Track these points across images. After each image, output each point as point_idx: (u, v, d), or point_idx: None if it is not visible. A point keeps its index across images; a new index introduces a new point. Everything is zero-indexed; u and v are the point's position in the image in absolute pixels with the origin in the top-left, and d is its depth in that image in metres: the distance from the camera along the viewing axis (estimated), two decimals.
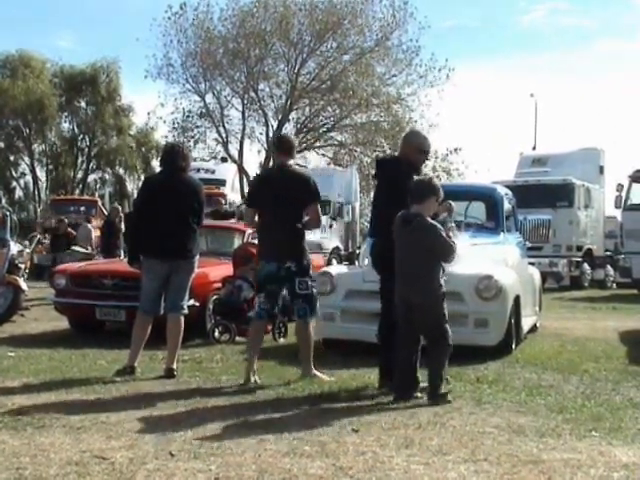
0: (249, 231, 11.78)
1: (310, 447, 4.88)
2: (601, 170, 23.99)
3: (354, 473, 4.39)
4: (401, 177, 6.82)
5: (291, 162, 7.35)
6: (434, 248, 6.33)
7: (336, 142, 38.49)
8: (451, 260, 6.49)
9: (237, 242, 11.79)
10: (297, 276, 7.05)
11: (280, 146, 7.54)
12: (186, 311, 7.52)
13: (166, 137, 37.18)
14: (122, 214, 17.35)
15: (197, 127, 37.80)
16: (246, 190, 35.24)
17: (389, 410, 5.98)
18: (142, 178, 42.21)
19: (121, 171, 50.55)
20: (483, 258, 8.89)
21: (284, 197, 7.00)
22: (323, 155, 39.11)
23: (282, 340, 9.82)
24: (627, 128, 70.49)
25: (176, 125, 37.61)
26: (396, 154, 7.64)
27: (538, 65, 73.84)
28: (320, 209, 7.29)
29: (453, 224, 6.88)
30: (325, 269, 9.95)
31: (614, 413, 5.84)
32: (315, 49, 36.13)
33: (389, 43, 35.88)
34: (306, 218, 7.17)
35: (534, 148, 36.40)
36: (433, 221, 6.39)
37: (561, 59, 73.41)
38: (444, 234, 6.35)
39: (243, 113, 37.37)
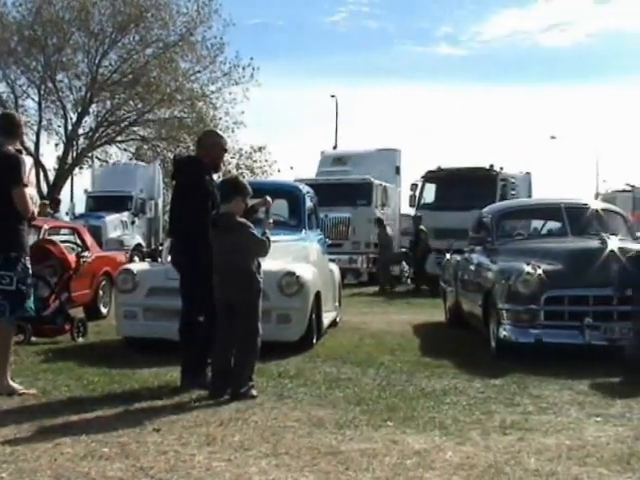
0: (45, 227, 11.34)
1: (109, 449, 4.76)
2: (397, 170, 25.00)
3: (155, 473, 4.32)
4: (201, 177, 6.79)
5: (13, 145, 6.49)
6: (246, 246, 6.38)
7: (139, 137, 37.68)
8: (265, 254, 6.57)
9: (33, 239, 11.28)
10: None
11: None
12: None
13: None
14: None
15: None
16: (43, 185, 33.93)
17: (191, 408, 5.94)
18: None
19: None
20: (285, 255, 9.02)
21: None
22: (125, 150, 38.19)
23: (81, 340, 9.52)
24: (422, 130, 73.97)
25: None
26: (194, 154, 7.58)
27: (340, 65, 75.94)
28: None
29: (271, 220, 6.94)
30: (126, 266, 9.76)
31: (407, 403, 6.10)
32: (117, 41, 35.18)
33: (193, 39, 35.55)
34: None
35: (335, 147, 37.39)
36: (242, 219, 6.44)
37: (362, 60, 75.95)
38: (254, 230, 6.42)
39: (40, 104, 35.75)
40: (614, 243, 8.38)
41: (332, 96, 44.27)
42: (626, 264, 7.97)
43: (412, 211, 22.12)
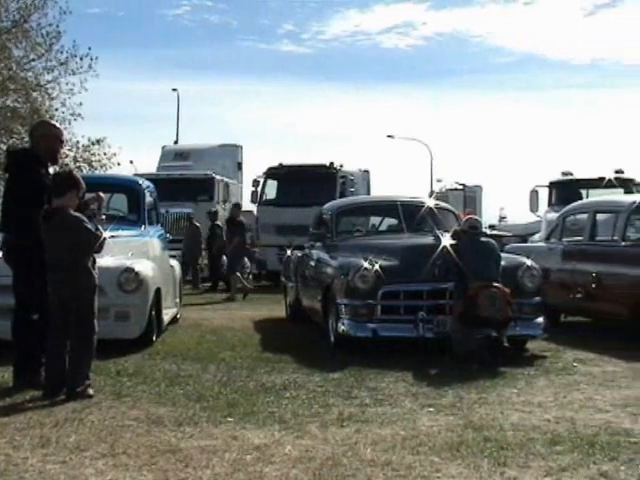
0: None
1: None
2: (239, 166, 25.02)
3: None
4: (36, 169, 6.56)
5: None
6: (80, 241, 6.21)
7: None
8: (99, 250, 6.43)
9: None
10: None
11: None
12: None
13: None
14: None
15: None
16: None
17: (24, 409, 5.74)
18: None
19: None
20: (124, 251, 8.85)
21: None
22: None
23: None
24: (265, 126, 74.35)
25: None
26: (28, 146, 7.32)
27: (183, 60, 75.11)
28: None
29: (103, 216, 6.79)
30: None
31: (248, 398, 6.14)
32: None
33: (27, 26, 34.10)
34: None
35: (176, 142, 36.96)
36: (76, 213, 6.27)
37: (206, 55, 75.48)
38: (89, 225, 6.26)
39: None
40: (447, 239, 8.71)
41: (174, 90, 43.71)
42: (448, 253, 8.34)
43: (254, 207, 22.19)
